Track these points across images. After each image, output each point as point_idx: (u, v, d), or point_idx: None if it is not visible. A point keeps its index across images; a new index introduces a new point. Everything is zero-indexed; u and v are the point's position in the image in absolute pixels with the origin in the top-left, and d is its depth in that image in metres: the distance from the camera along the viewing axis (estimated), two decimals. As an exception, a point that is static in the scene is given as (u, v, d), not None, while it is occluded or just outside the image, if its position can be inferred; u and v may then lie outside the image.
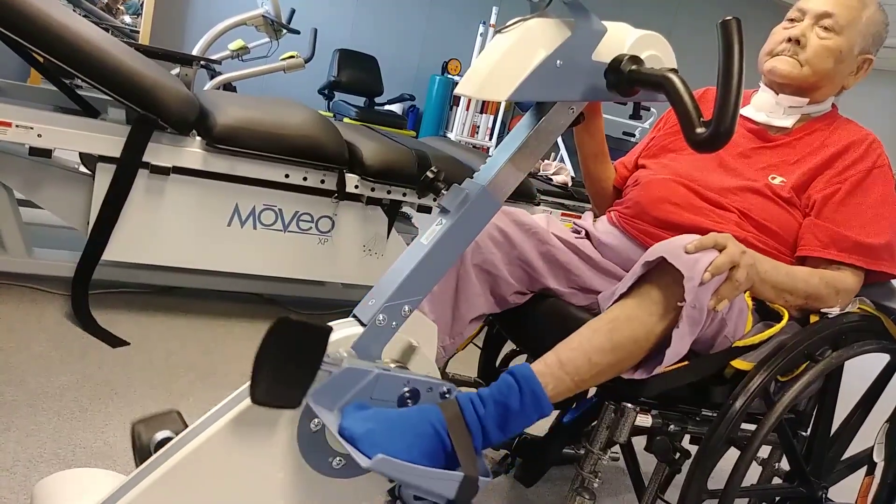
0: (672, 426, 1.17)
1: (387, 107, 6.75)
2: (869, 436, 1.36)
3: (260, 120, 2.09)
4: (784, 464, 1.34)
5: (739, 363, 1.14)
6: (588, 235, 1.43)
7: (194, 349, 2.01)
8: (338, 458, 0.99)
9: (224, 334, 2.17)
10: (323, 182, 2.19)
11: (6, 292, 2.08)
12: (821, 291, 1.23)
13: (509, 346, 1.65)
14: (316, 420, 0.98)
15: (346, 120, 5.72)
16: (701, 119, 0.90)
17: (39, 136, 1.87)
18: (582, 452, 1.15)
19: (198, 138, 2.06)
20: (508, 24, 0.99)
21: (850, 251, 1.25)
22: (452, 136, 6.56)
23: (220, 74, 4.09)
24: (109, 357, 1.84)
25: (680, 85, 0.92)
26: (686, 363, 1.10)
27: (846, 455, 1.39)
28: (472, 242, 1.21)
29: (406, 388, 0.99)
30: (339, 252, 2.32)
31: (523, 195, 2.54)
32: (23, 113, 1.85)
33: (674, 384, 1.09)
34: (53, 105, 2.26)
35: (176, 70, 3.01)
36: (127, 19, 6.15)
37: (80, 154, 2.26)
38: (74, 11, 5.33)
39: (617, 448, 1.34)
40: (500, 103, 6.56)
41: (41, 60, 1.95)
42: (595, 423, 1.14)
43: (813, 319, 1.23)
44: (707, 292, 1.04)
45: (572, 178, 2.95)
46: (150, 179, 2.01)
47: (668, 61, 1.03)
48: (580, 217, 1.55)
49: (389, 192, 2.29)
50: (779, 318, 1.20)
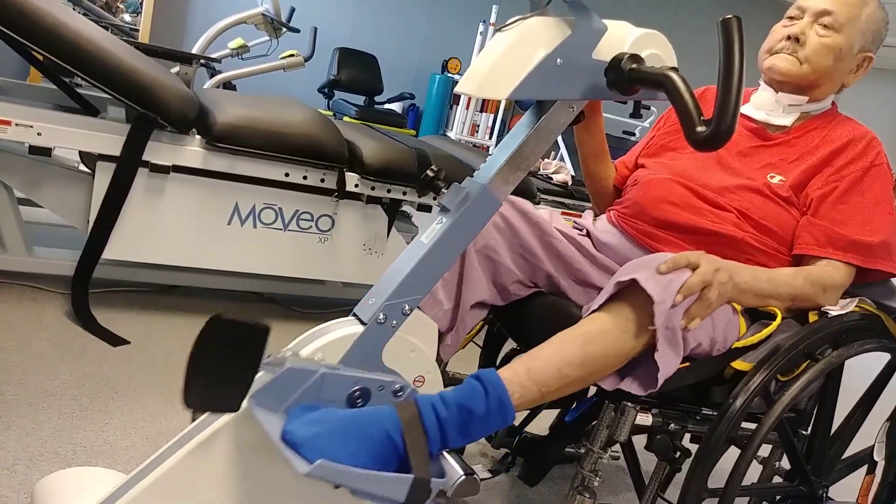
0: (672, 425, 1.17)
1: (387, 105, 6.75)
2: (869, 435, 1.37)
3: (260, 119, 2.08)
4: (784, 462, 1.34)
5: (739, 364, 1.14)
6: (588, 234, 1.42)
7: (194, 348, 2.01)
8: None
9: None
10: (323, 181, 2.19)
11: (6, 291, 2.08)
12: (806, 291, 1.22)
13: (510, 345, 1.64)
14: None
15: (346, 119, 5.72)
16: (701, 118, 0.90)
17: (39, 135, 1.87)
18: (582, 451, 1.15)
19: (198, 137, 2.06)
20: (509, 23, 0.99)
21: (847, 249, 1.24)
22: (452, 135, 6.55)
23: (220, 73, 4.09)
24: (110, 356, 1.84)
25: (680, 83, 0.92)
26: (687, 364, 1.10)
27: (847, 454, 1.39)
28: None
29: (355, 388, 0.96)
30: (339, 251, 2.32)
31: (523, 194, 2.53)
32: (22, 111, 1.85)
33: (674, 385, 1.09)
34: (53, 103, 2.26)
35: (176, 68, 3.01)
36: (126, 17, 6.15)
37: (80, 153, 2.26)
38: (74, 10, 5.32)
39: (617, 447, 1.34)
40: (500, 102, 6.55)
41: (41, 59, 1.96)
42: (595, 422, 1.14)
43: (813, 318, 1.23)
44: (678, 313, 1.04)
45: (572, 177, 2.94)
46: (150, 178, 2.00)
47: (669, 60, 1.03)
48: (580, 216, 1.55)
49: (389, 191, 2.29)
50: (772, 318, 1.19)
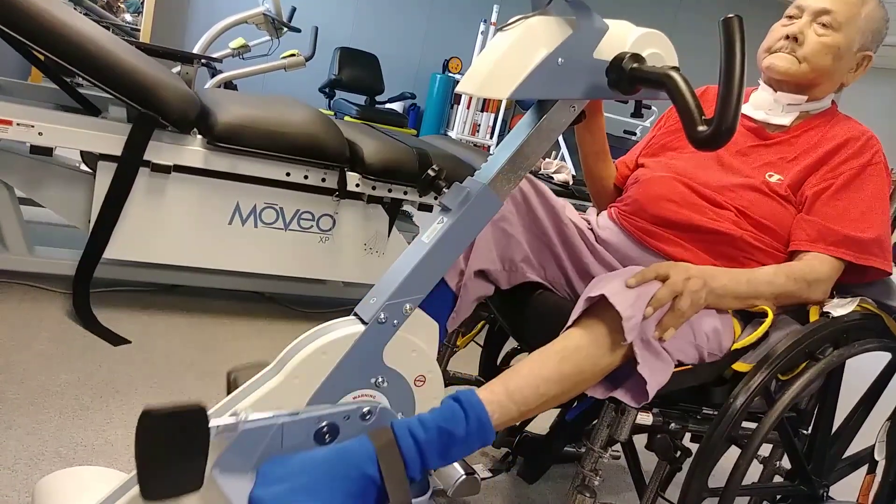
0: (673, 424, 1.18)
1: (388, 105, 6.75)
2: (870, 434, 1.37)
3: (261, 118, 2.09)
4: (785, 462, 1.34)
5: (739, 365, 1.14)
6: (591, 229, 1.42)
7: (195, 347, 2.01)
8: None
9: (225, 333, 2.17)
10: (324, 180, 2.19)
11: (7, 290, 2.08)
12: (789, 288, 1.21)
13: (510, 345, 1.65)
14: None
15: (347, 118, 5.72)
16: (703, 117, 0.90)
17: (40, 135, 1.87)
18: (583, 451, 1.15)
19: (199, 137, 2.06)
20: (510, 22, 0.99)
21: (839, 244, 1.24)
22: (453, 135, 6.55)
23: (221, 73, 4.10)
24: (111, 355, 1.84)
25: (682, 83, 0.92)
26: (688, 367, 1.10)
27: (847, 453, 1.39)
28: None
29: (320, 425, 0.95)
30: (341, 250, 2.32)
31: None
32: (24, 111, 1.85)
33: (674, 388, 1.09)
34: (54, 103, 2.26)
35: (177, 68, 3.01)
36: (128, 17, 6.16)
37: (82, 152, 2.27)
38: (75, 9, 5.33)
39: (618, 446, 1.34)
40: (501, 102, 6.56)
41: (42, 58, 1.96)
42: (596, 422, 1.14)
43: (814, 318, 1.23)
44: (650, 325, 1.04)
45: (573, 177, 2.94)
46: (152, 178, 2.01)
47: (670, 59, 1.03)
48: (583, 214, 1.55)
49: (390, 191, 2.29)
50: (764, 315, 1.19)
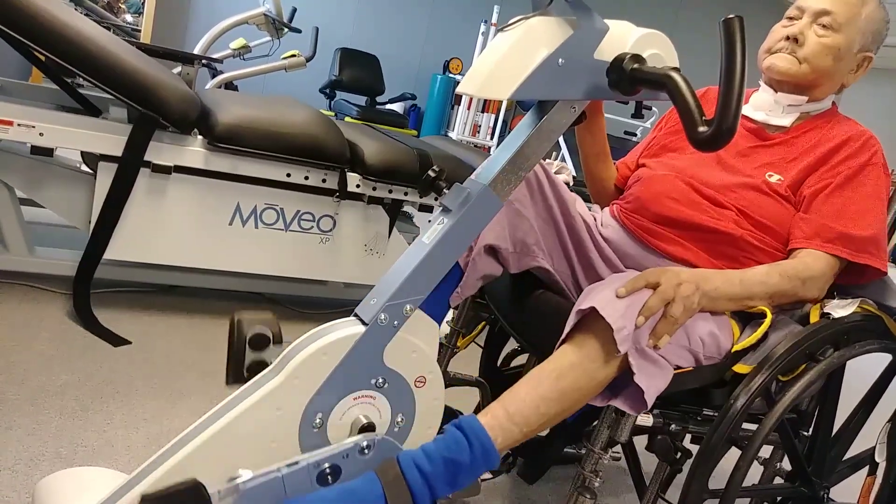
0: (673, 426, 1.17)
1: (388, 106, 6.75)
2: (871, 436, 1.36)
3: (261, 119, 2.09)
4: (785, 463, 1.34)
5: (740, 367, 1.13)
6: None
7: (195, 348, 2.01)
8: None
9: (224, 333, 2.16)
10: (324, 181, 2.19)
11: (8, 291, 2.08)
12: (783, 287, 1.20)
13: (511, 346, 1.65)
14: (317, 420, 0.98)
15: (348, 119, 5.73)
16: (703, 118, 0.90)
17: (41, 135, 1.87)
18: (583, 452, 1.15)
19: (199, 137, 2.06)
20: (510, 23, 0.99)
21: (835, 241, 1.23)
22: (454, 136, 6.55)
23: (222, 73, 4.10)
24: (111, 356, 1.85)
25: (682, 84, 0.92)
26: (688, 369, 1.10)
27: (848, 455, 1.39)
28: None
29: (322, 468, 0.94)
30: (341, 251, 2.32)
31: (525, 194, 2.53)
32: (24, 112, 1.86)
33: (674, 390, 1.08)
34: (55, 104, 2.26)
35: (177, 69, 3.01)
36: (128, 18, 6.16)
37: (82, 153, 2.27)
38: (76, 10, 5.33)
39: (618, 447, 1.34)
40: (502, 102, 6.56)
41: (43, 59, 1.96)
42: (596, 423, 1.14)
43: (814, 319, 1.23)
44: (644, 334, 1.03)
45: (574, 178, 2.94)
46: (152, 178, 2.01)
47: (671, 60, 1.03)
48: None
49: (391, 192, 2.29)
50: (763, 316, 1.19)
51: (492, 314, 1.48)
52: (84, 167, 2.15)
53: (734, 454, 1.14)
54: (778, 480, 1.39)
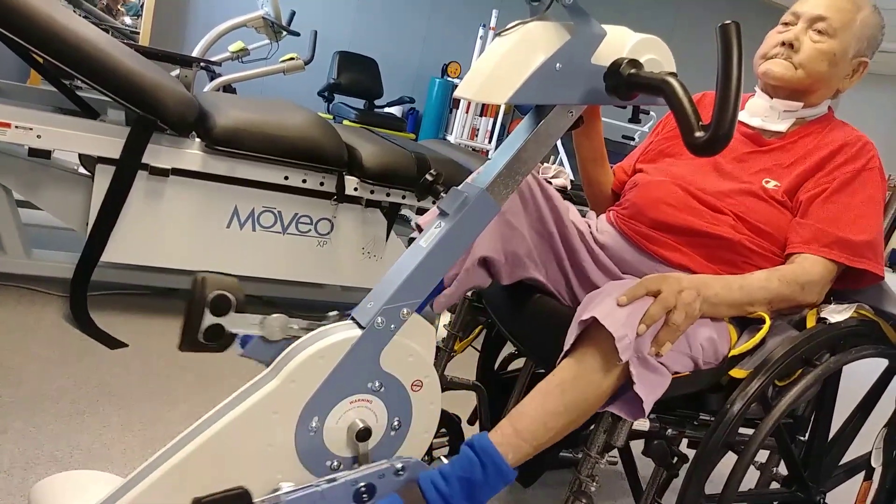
0: (670, 430, 1.17)
1: (386, 109, 6.74)
2: (867, 441, 1.36)
3: (259, 122, 2.09)
4: (782, 468, 1.34)
5: (736, 372, 1.13)
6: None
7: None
8: (336, 461, 1.00)
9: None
10: (322, 184, 2.19)
11: (5, 293, 2.08)
12: (783, 292, 1.20)
13: (507, 350, 1.65)
14: (314, 423, 0.98)
15: (346, 122, 5.72)
16: (700, 123, 0.90)
17: (39, 137, 1.87)
18: (580, 456, 1.15)
19: (197, 140, 2.06)
20: (508, 27, 0.99)
21: (832, 246, 1.23)
22: (452, 139, 6.56)
23: (220, 76, 4.10)
24: (107, 359, 1.84)
25: (679, 89, 0.92)
26: (685, 374, 1.10)
27: (844, 460, 1.39)
28: None
29: (359, 486, 0.98)
30: (338, 254, 2.32)
31: (522, 198, 2.54)
32: (22, 114, 1.86)
33: (671, 395, 1.08)
34: (53, 106, 2.26)
35: (176, 71, 3.01)
36: (127, 20, 6.15)
37: (80, 155, 2.26)
38: (74, 12, 5.32)
39: (615, 452, 1.34)
40: (500, 106, 6.56)
41: (41, 61, 1.96)
42: (593, 427, 1.14)
43: (810, 324, 1.23)
44: (646, 342, 1.03)
45: (571, 182, 2.94)
46: (150, 181, 2.01)
47: (668, 65, 1.03)
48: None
49: (389, 195, 2.29)
50: (762, 322, 1.19)
51: (489, 318, 1.48)
52: (81, 169, 2.15)
53: (731, 459, 1.14)
54: (774, 485, 1.39)
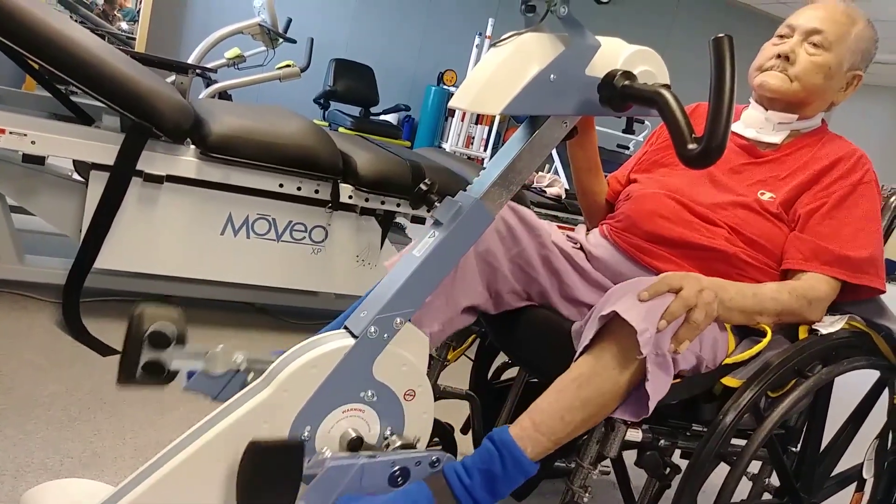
0: (662, 441, 1.17)
1: (382, 117, 6.76)
2: (859, 452, 1.37)
3: (254, 129, 2.09)
4: (774, 479, 1.34)
5: (729, 380, 1.14)
6: (581, 248, 1.43)
7: (185, 358, 2.00)
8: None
9: (215, 344, 2.15)
10: (317, 192, 2.19)
11: (-3, 299, 2.07)
12: (792, 305, 1.21)
13: (501, 359, 1.64)
14: (306, 433, 0.97)
15: (342, 129, 5.73)
16: (692, 135, 0.90)
17: (33, 143, 1.87)
18: (572, 466, 1.15)
19: (192, 147, 2.06)
20: (503, 38, 1.00)
21: (833, 264, 1.24)
22: (447, 147, 6.57)
23: (216, 83, 4.10)
24: (100, 366, 1.83)
25: (672, 101, 0.93)
26: (678, 381, 1.10)
27: (836, 471, 1.39)
28: None
29: (395, 468, 1.01)
30: (333, 262, 2.32)
31: (517, 207, 2.54)
32: (17, 119, 1.85)
33: (665, 402, 1.08)
34: (48, 112, 2.26)
35: (171, 78, 3.01)
36: (123, 26, 6.15)
37: (74, 161, 2.26)
38: (70, 18, 5.31)
39: (608, 462, 1.34)
40: (495, 115, 6.57)
41: (36, 67, 1.96)
42: (586, 437, 1.14)
43: (802, 335, 1.23)
44: (666, 338, 1.04)
45: (566, 191, 2.95)
46: (144, 187, 2.00)
47: (661, 77, 1.04)
48: (573, 229, 1.55)
49: (383, 203, 2.29)
50: (762, 334, 1.19)
51: (482, 327, 1.48)
52: (76, 175, 2.14)
53: (723, 470, 1.14)
54: (766, 496, 1.39)
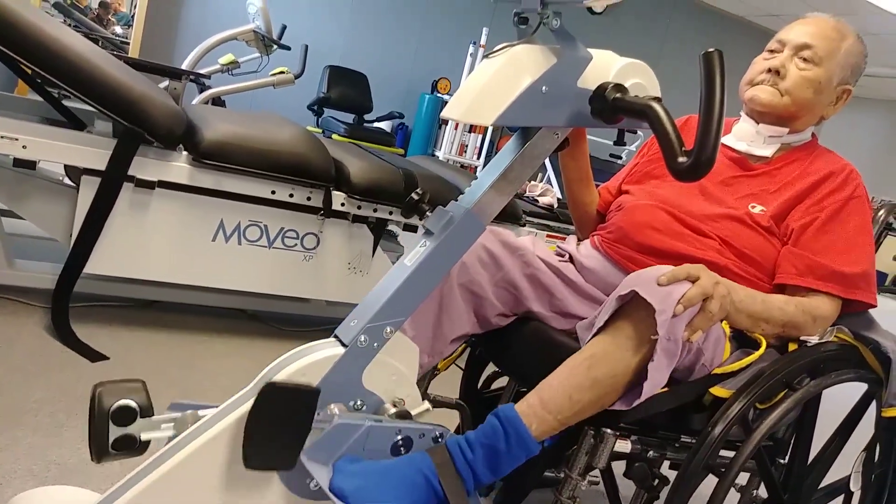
0: (651, 452, 1.17)
1: (376, 124, 6.77)
2: (846, 464, 1.37)
3: (247, 136, 2.09)
4: (762, 491, 1.34)
5: (718, 390, 1.14)
6: (571, 259, 1.43)
7: (175, 365, 1.99)
8: (314, 481, 0.99)
9: (205, 350, 2.15)
10: (309, 199, 2.19)
11: (-15, 303, 2.06)
12: (797, 319, 1.23)
13: (491, 368, 1.64)
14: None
15: (335, 136, 5.73)
16: (683, 148, 0.91)
17: (24, 148, 1.86)
18: (561, 476, 1.15)
19: (184, 153, 2.05)
20: (496, 50, 1.00)
21: (827, 279, 1.26)
22: (441, 155, 6.58)
23: (210, 88, 4.09)
24: (88, 372, 1.82)
25: (663, 114, 0.94)
26: (666, 389, 1.10)
27: (823, 483, 1.40)
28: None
29: (399, 437, 1.01)
30: (324, 269, 2.31)
31: (509, 216, 2.55)
32: (8, 124, 1.84)
33: (654, 410, 1.09)
34: (40, 116, 2.25)
35: (165, 83, 3.01)
36: (118, 30, 6.15)
37: (65, 166, 2.25)
38: (64, 22, 5.30)
39: (596, 472, 1.34)
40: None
41: (28, 71, 1.95)
42: (575, 448, 1.14)
43: (791, 348, 1.24)
44: (680, 324, 1.05)
45: (558, 200, 2.96)
46: (135, 193, 2.00)
47: (652, 89, 1.05)
48: (564, 239, 1.55)
49: (376, 211, 2.29)
50: (757, 346, 1.20)
51: (472, 337, 1.48)
52: (67, 180, 2.14)
53: (711, 481, 1.14)
54: (755, 508, 1.39)
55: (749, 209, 1.33)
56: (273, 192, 2.14)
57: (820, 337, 1.25)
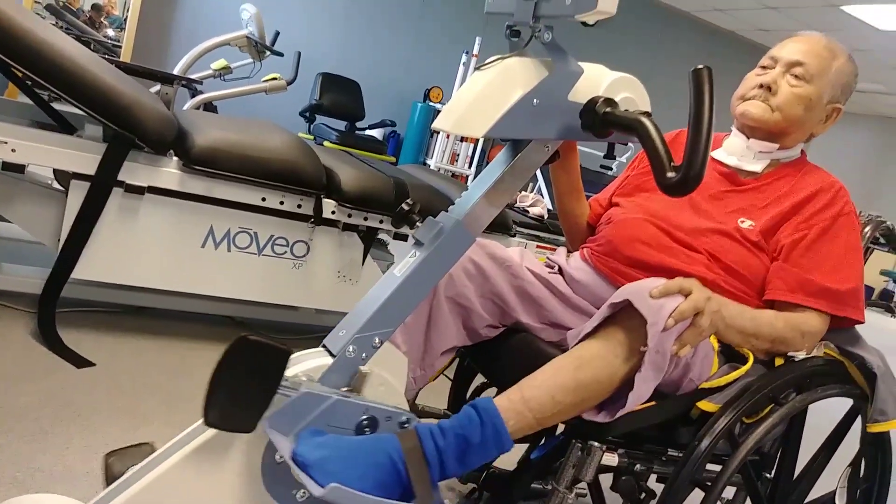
0: (638, 466, 1.18)
1: (368, 132, 6.77)
2: (832, 479, 1.38)
3: (238, 142, 2.08)
4: (748, 505, 1.35)
5: (705, 405, 1.15)
6: (561, 271, 1.44)
7: (162, 372, 1.98)
8: (302, 491, 0.98)
9: (193, 357, 2.14)
10: (300, 206, 2.19)
11: (-30, 307, 2.04)
12: (786, 335, 1.24)
13: (480, 379, 1.64)
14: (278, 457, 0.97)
15: (327, 143, 5.73)
16: (672, 163, 0.92)
17: (13, 151, 1.85)
18: (548, 489, 1.15)
19: (175, 158, 2.04)
20: (487, 62, 1.01)
21: (817, 296, 1.27)
22: (432, 164, 6.59)
23: (202, 93, 4.09)
24: (74, 378, 1.81)
25: (652, 129, 0.94)
26: (653, 403, 1.11)
27: (809, 498, 1.40)
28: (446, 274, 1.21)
29: (364, 417, 0.99)
30: (314, 277, 2.31)
31: (499, 227, 2.55)
32: (-3, 127, 1.83)
33: (640, 424, 1.09)
34: (30, 119, 2.24)
35: (156, 88, 3.00)
36: (110, 33, 6.13)
37: (55, 170, 2.24)
38: (56, 24, 5.28)
39: (583, 485, 1.34)
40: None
41: (19, 74, 1.94)
42: (562, 460, 1.14)
43: (778, 363, 1.25)
44: (670, 338, 1.05)
45: (549, 211, 2.97)
46: (125, 198, 1.99)
47: (642, 104, 1.05)
48: (555, 250, 1.56)
49: (366, 219, 2.29)
50: (744, 361, 1.21)
51: (461, 347, 1.48)
52: (56, 184, 2.12)
53: (698, 495, 1.14)
54: (741, 521, 1.40)
55: (738, 224, 1.34)
56: (263, 199, 2.14)
57: (807, 352, 1.26)
